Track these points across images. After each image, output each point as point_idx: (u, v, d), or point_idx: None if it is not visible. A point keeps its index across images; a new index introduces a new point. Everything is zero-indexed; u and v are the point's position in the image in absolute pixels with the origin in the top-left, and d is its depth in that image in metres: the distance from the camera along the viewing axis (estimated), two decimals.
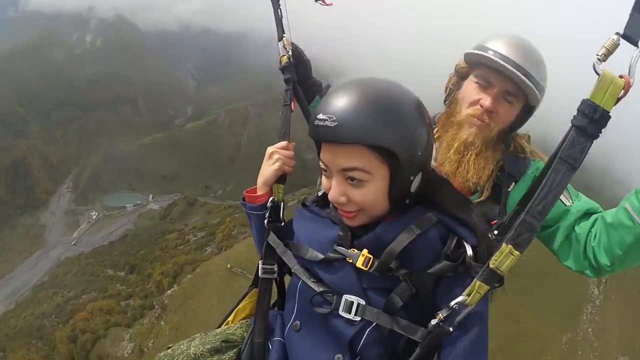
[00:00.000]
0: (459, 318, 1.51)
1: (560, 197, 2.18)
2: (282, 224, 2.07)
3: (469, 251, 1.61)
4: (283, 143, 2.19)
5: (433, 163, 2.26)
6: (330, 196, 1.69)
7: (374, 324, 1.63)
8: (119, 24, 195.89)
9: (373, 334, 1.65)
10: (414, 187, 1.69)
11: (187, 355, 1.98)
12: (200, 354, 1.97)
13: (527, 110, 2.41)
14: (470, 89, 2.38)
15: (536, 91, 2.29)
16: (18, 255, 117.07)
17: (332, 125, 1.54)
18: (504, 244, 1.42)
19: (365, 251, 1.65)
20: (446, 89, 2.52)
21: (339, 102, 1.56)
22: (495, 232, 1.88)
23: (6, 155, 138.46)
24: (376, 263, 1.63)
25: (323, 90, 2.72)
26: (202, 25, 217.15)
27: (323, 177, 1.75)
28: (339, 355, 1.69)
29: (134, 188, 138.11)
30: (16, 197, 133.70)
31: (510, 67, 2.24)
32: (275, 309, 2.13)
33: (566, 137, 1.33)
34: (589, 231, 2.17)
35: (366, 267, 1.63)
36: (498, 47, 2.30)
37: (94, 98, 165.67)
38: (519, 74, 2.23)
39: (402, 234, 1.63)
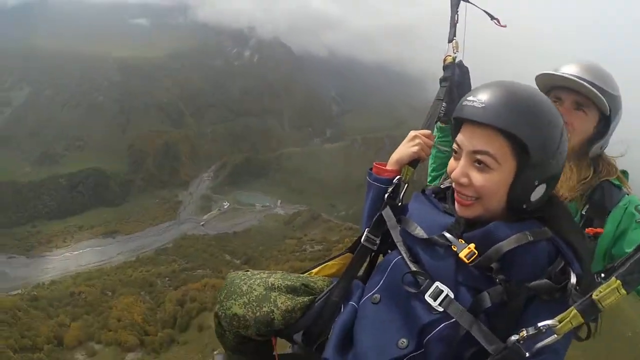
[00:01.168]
0: (540, 344, 1.43)
1: None
2: (399, 204, 2.07)
3: (573, 279, 1.53)
4: (427, 131, 2.24)
5: None
6: (454, 175, 1.71)
7: (452, 320, 1.58)
8: (275, 44, 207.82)
9: (447, 330, 1.59)
10: (535, 195, 1.66)
11: (264, 282, 2.00)
12: (278, 286, 1.99)
13: (604, 120, 2.41)
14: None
15: (602, 98, 2.30)
16: (151, 220, 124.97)
17: (479, 106, 1.61)
18: (612, 278, 1.35)
19: (472, 245, 1.62)
20: None
21: (489, 90, 1.64)
22: (602, 275, 1.68)
23: (161, 137, 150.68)
24: (480, 258, 1.59)
25: None
26: (346, 54, 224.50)
27: (452, 159, 1.77)
28: (404, 340, 1.65)
29: (265, 191, 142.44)
30: (162, 173, 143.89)
31: (573, 77, 2.33)
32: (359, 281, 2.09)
33: None
34: None
35: (468, 260, 1.60)
36: (563, 69, 2.42)
37: (245, 106, 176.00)
38: (582, 82, 2.31)
39: (514, 236, 1.59)
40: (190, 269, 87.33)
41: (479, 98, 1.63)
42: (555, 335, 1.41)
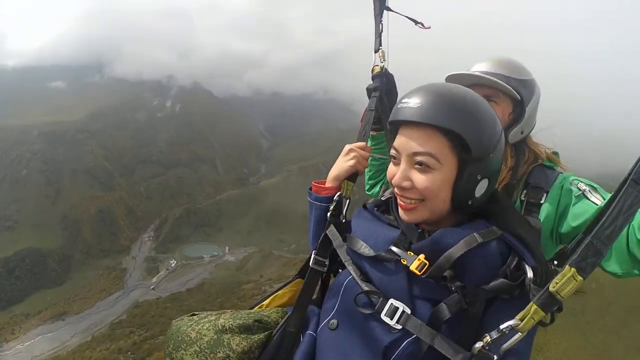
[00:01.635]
0: (506, 345, 1.42)
1: (590, 197, 2.28)
2: (344, 220, 2.06)
3: (530, 273, 1.52)
4: (361, 143, 2.25)
5: None
6: (395, 180, 1.67)
7: (414, 336, 1.55)
8: (196, 90, 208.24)
9: (410, 346, 1.56)
10: (479, 191, 1.65)
11: (213, 325, 1.91)
12: (229, 328, 1.90)
13: (519, 106, 2.54)
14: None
15: (505, 85, 2.44)
16: (98, 293, 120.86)
17: (414, 106, 1.60)
18: (567, 267, 1.34)
19: (421, 256, 1.59)
20: None
21: (423, 91, 1.63)
22: (556, 262, 1.77)
23: (94, 204, 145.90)
24: (431, 268, 1.56)
25: None
26: (271, 89, 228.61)
27: (391, 165, 1.74)
28: None
29: (211, 240, 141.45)
30: (101, 241, 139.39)
31: (474, 73, 2.49)
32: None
33: (639, 161, 1.28)
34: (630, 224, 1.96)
35: (420, 272, 1.56)
36: (472, 68, 2.60)
37: (174, 157, 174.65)
38: (482, 75, 2.47)
39: (463, 241, 1.56)
40: (151, 337, 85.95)
41: (414, 99, 1.62)
42: (520, 334, 1.40)
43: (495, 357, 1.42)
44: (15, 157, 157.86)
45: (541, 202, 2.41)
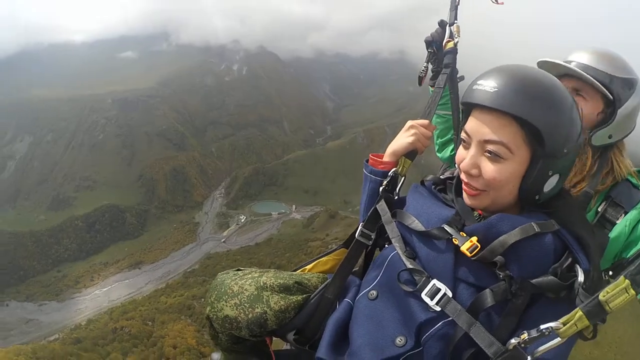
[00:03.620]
0: (542, 348, 1.36)
1: None
2: (396, 198, 1.99)
3: (581, 277, 1.46)
4: (425, 121, 2.13)
5: None
6: (463, 165, 1.62)
7: (451, 318, 1.51)
8: (261, 54, 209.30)
9: (445, 328, 1.53)
10: (548, 186, 1.58)
11: (256, 281, 1.93)
12: (270, 286, 1.92)
13: (611, 106, 2.25)
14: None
15: (594, 80, 2.19)
16: (173, 245, 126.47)
17: (490, 90, 1.51)
18: (621, 277, 1.27)
19: (474, 238, 1.54)
20: None
21: (501, 74, 1.54)
22: (610, 272, 1.69)
23: (168, 163, 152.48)
24: (483, 251, 1.51)
25: None
26: (334, 51, 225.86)
27: (460, 147, 1.68)
28: (402, 338, 1.60)
29: (279, 199, 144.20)
30: (175, 198, 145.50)
31: (563, 63, 2.25)
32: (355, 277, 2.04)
33: None
34: None
35: (470, 254, 1.52)
36: (569, 57, 2.35)
37: (243, 119, 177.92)
38: (571, 67, 2.24)
39: (519, 228, 1.51)
40: None
41: (491, 82, 1.53)
42: (559, 339, 1.35)
43: (529, 358, 1.37)
44: (92, 123, 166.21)
45: (617, 221, 2.18)
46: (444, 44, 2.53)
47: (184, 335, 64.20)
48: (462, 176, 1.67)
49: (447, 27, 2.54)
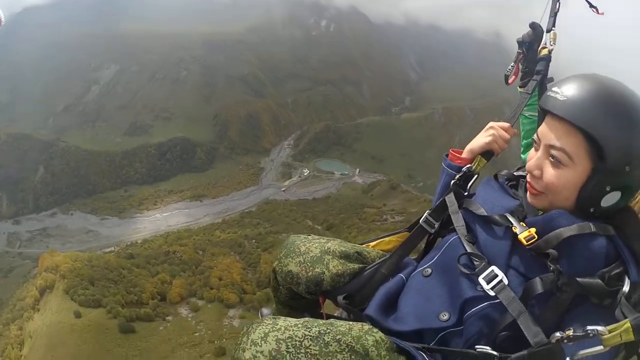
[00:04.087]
0: (583, 352, 1.41)
1: None
2: (466, 193, 2.04)
3: (626, 287, 1.47)
4: (505, 124, 2.18)
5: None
6: (528, 165, 1.72)
7: (495, 300, 1.58)
8: (352, 13, 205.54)
9: (488, 309, 1.60)
10: (607, 202, 1.60)
11: (321, 246, 2.10)
12: (332, 251, 2.08)
13: None
14: None
15: None
16: (235, 185, 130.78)
17: (561, 98, 1.58)
18: None
19: (533, 229, 1.61)
20: None
21: (576, 83, 1.59)
22: None
23: (244, 107, 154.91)
24: (539, 240, 1.58)
25: None
26: (428, 22, 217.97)
27: (532, 149, 1.77)
28: (446, 313, 1.69)
29: (344, 159, 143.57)
30: (245, 141, 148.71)
31: None
32: (414, 259, 2.14)
33: None
34: None
35: (527, 243, 1.58)
36: None
37: (324, 76, 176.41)
38: None
39: (577, 225, 1.56)
40: (275, 232, 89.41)
41: (563, 90, 1.59)
42: (601, 347, 1.37)
43: (568, 358, 1.41)
44: (177, 59, 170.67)
45: None
46: (539, 50, 2.52)
47: (230, 269, 65.80)
48: (527, 176, 1.76)
49: (544, 34, 2.52)
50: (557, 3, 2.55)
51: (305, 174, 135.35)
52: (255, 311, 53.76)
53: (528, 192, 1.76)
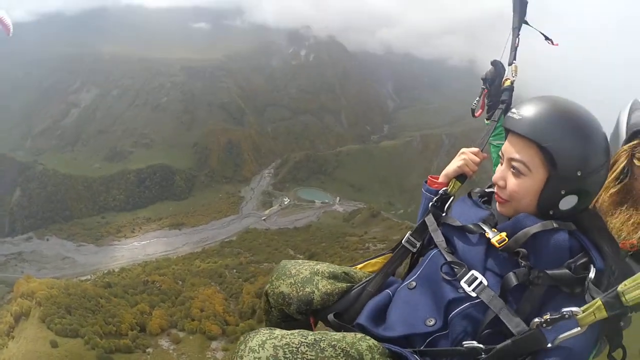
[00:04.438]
0: (562, 336, 1.54)
1: None
2: (443, 214, 2.20)
3: (592, 274, 1.63)
4: (475, 149, 2.38)
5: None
6: (494, 177, 1.96)
7: (476, 300, 1.74)
8: (330, 43, 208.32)
9: (470, 309, 1.76)
10: (564, 205, 1.81)
11: (311, 268, 2.27)
12: (321, 272, 2.24)
13: None
14: None
15: None
16: (215, 213, 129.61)
17: (517, 117, 1.83)
18: (639, 273, 1.40)
19: (503, 233, 1.81)
20: (619, 166, 2.12)
21: (531, 104, 1.84)
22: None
23: (225, 135, 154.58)
24: (509, 240, 1.78)
25: None
26: (403, 50, 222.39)
27: (499, 165, 2.00)
28: (432, 319, 1.84)
29: (324, 188, 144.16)
30: (225, 169, 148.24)
31: None
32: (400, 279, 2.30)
33: None
34: None
35: (499, 245, 1.79)
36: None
37: (303, 105, 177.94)
38: None
39: (540, 223, 1.76)
40: (257, 262, 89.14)
41: (520, 111, 1.83)
42: (578, 328, 1.50)
43: (550, 344, 1.55)
44: (158, 85, 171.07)
45: None
46: (502, 81, 2.82)
47: (212, 300, 65.37)
48: (495, 187, 1.99)
49: (507, 66, 2.82)
50: (517, 38, 2.88)
51: (286, 202, 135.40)
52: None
53: (497, 202, 1.99)
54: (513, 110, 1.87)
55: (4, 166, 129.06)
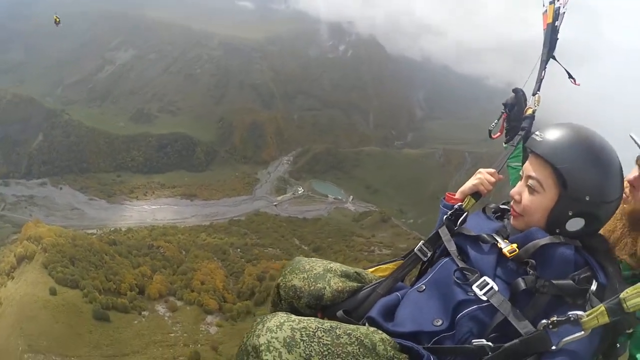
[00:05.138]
0: (566, 339, 1.62)
1: None
2: (456, 227, 2.29)
3: (594, 286, 1.75)
4: (491, 170, 2.50)
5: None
6: (511, 192, 2.12)
7: (484, 304, 1.85)
8: (370, 42, 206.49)
9: (478, 311, 1.85)
10: (571, 226, 1.95)
11: (324, 265, 2.35)
12: (334, 270, 2.32)
13: None
14: None
15: None
16: (228, 191, 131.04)
17: (539, 139, 2.00)
18: None
19: (514, 245, 1.95)
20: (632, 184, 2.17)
21: (553, 128, 2.01)
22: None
23: (251, 115, 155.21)
24: (519, 251, 1.91)
25: None
26: (442, 61, 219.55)
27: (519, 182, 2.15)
28: (440, 320, 1.93)
29: (340, 184, 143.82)
30: (246, 149, 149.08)
31: None
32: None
33: None
34: None
35: (510, 255, 1.92)
36: None
37: (333, 98, 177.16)
38: None
39: (549, 237, 1.90)
40: (261, 245, 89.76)
41: (542, 133, 2.00)
42: (582, 332, 1.58)
43: (554, 347, 1.64)
44: (194, 56, 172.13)
45: None
46: (525, 110, 2.95)
47: (214, 275, 65.84)
48: (512, 202, 2.14)
49: (531, 96, 2.96)
50: (544, 71, 3.03)
51: (300, 192, 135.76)
52: (233, 321, 53.78)
53: (512, 216, 2.14)
54: (537, 132, 2.02)
55: (32, 110, 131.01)
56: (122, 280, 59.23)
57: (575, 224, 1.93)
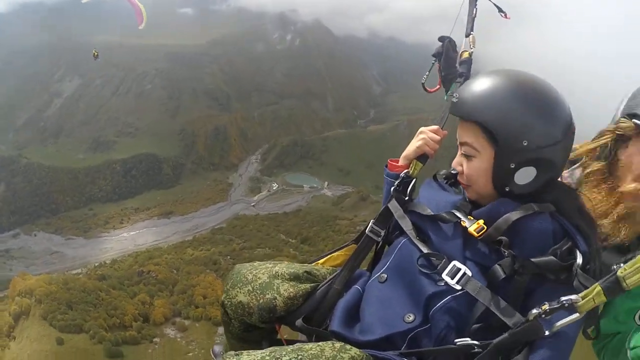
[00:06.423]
0: (560, 323, 1.46)
1: None
2: (407, 198, 2.04)
3: (579, 259, 1.56)
4: (434, 127, 2.21)
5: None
6: (453, 163, 1.88)
7: (459, 292, 1.63)
8: (316, 27, 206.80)
9: (453, 302, 1.63)
10: (520, 179, 1.69)
11: (269, 271, 2.07)
12: (281, 274, 2.05)
13: None
14: (638, 160, 1.85)
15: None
16: (204, 201, 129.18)
17: (455, 100, 1.74)
18: (638, 256, 1.32)
19: (481, 221, 1.68)
20: (602, 145, 1.98)
21: (468, 83, 1.78)
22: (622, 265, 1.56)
23: (211, 121, 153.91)
24: (489, 229, 1.65)
25: None
26: (388, 34, 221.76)
27: None
28: (411, 315, 1.71)
29: (312, 173, 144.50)
30: (212, 156, 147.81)
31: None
32: (365, 269, 2.14)
33: None
34: None
35: (478, 234, 1.65)
36: None
37: (289, 89, 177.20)
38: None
39: (520, 208, 1.65)
40: (249, 248, 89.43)
41: (458, 92, 1.75)
42: (577, 314, 1.42)
43: (547, 332, 1.48)
44: (141, 72, 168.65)
45: None
46: (460, 53, 2.65)
47: (214, 287, 65.39)
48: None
49: (465, 38, 2.68)
50: (475, 9, 2.73)
51: (275, 188, 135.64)
52: None
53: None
54: (454, 94, 1.77)
55: None
56: (123, 312, 58.14)
57: (525, 175, 1.68)
